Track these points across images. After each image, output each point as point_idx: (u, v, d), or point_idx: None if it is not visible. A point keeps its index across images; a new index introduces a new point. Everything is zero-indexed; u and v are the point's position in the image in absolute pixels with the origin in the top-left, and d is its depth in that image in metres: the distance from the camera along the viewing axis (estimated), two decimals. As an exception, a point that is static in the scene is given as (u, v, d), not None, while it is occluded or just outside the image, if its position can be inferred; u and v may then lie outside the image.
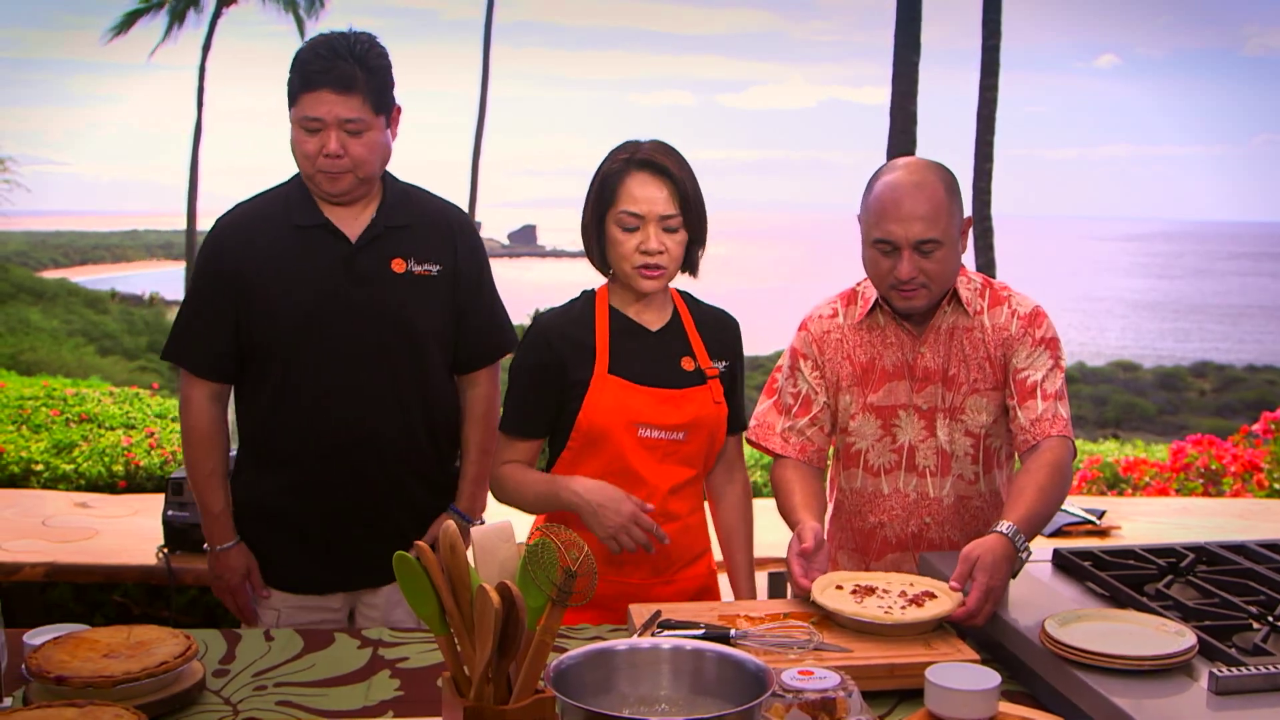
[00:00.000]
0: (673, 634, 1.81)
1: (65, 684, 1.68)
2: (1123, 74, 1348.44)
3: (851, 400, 2.29)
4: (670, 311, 2.29)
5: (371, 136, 2.26)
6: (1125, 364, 36.70)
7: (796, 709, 1.62)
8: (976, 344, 2.26)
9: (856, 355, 2.30)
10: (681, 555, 2.27)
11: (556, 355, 2.19)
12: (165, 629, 1.85)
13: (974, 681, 1.63)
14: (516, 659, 1.37)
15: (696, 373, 2.24)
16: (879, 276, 2.20)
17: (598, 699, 1.54)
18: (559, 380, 2.19)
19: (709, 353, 2.28)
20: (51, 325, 30.10)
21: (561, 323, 2.23)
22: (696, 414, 2.21)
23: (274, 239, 2.32)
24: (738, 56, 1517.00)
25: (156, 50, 23.29)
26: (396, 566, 1.44)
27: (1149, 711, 1.55)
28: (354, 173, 2.26)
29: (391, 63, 2.32)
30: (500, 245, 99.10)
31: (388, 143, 2.33)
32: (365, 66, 2.23)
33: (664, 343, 2.25)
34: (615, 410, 2.16)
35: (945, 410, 2.27)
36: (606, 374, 2.17)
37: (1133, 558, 2.18)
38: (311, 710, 1.76)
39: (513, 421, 2.25)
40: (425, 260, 2.35)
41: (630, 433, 2.17)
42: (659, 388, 2.20)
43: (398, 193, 2.39)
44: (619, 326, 2.23)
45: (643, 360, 2.21)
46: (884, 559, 2.35)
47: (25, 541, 3.19)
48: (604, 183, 2.17)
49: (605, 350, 2.19)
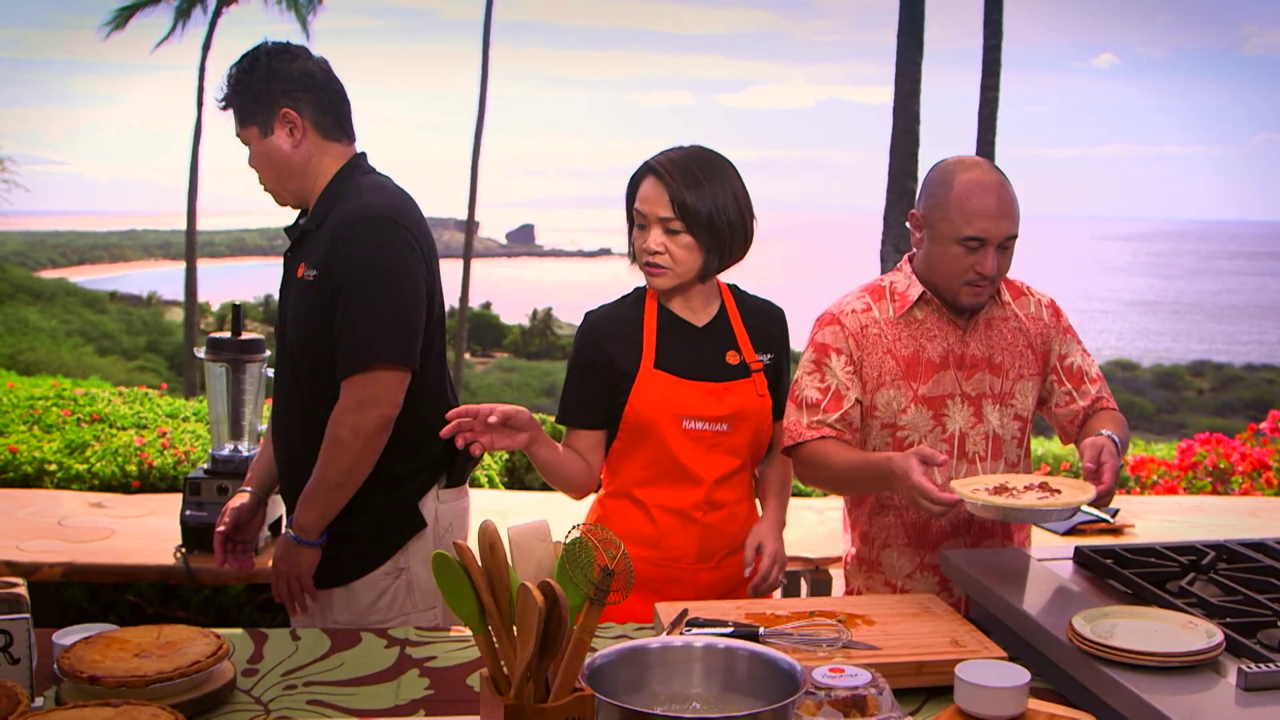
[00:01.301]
0: (702, 632, 1.82)
1: (98, 683, 1.68)
2: (1122, 74, 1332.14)
3: (898, 394, 2.30)
4: (717, 306, 2.36)
5: (255, 151, 2.34)
6: (1124, 363, 36.77)
7: (828, 706, 1.63)
8: (1015, 333, 2.38)
9: (899, 349, 2.31)
10: (728, 543, 2.34)
11: (604, 351, 2.30)
12: (195, 629, 1.86)
13: (1004, 678, 1.64)
14: (555, 658, 1.38)
15: (741, 366, 2.32)
16: (956, 272, 2.24)
17: (630, 697, 1.55)
18: (608, 374, 2.29)
19: (754, 346, 2.35)
20: (50, 325, 30.11)
21: (609, 319, 2.34)
22: (740, 406, 2.29)
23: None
24: (737, 56, 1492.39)
25: (160, 46, 23.23)
26: (435, 566, 1.45)
27: (1181, 707, 1.56)
28: (264, 185, 2.38)
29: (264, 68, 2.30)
30: (498, 245, 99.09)
31: (274, 149, 2.32)
32: (230, 87, 2.33)
33: (709, 337, 2.33)
34: (660, 403, 2.25)
35: (994, 396, 2.34)
36: (653, 368, 2.27)
37: (1154, 555, 2.19)
38: (342, 709, 1.77)
39: (569, 412, 2.35)
40: (312, 265, 2.30)
41: (676, 425, 2.26)
42: (703, 381, 2.28)
43: (330, 195, 2.35)
44: (666, 322, 2.32)
45: (688, 354, 2.29)
46: (939, 549, 2.36)
47: (42, 542, 3.19)
48: (629, 182, 2.31)
49: (652, 345, 2.29)
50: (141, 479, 4.07)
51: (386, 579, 2.39)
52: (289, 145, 2.32)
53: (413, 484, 2.40)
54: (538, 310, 43.23)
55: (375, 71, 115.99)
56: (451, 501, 2.46)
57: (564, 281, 64.84)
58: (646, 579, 2.25)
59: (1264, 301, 59.71)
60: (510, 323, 43.01)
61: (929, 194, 2.26)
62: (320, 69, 2.36)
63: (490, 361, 37.88)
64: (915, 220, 2.31)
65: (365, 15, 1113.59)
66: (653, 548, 2.29)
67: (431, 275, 2.35)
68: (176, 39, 23.23)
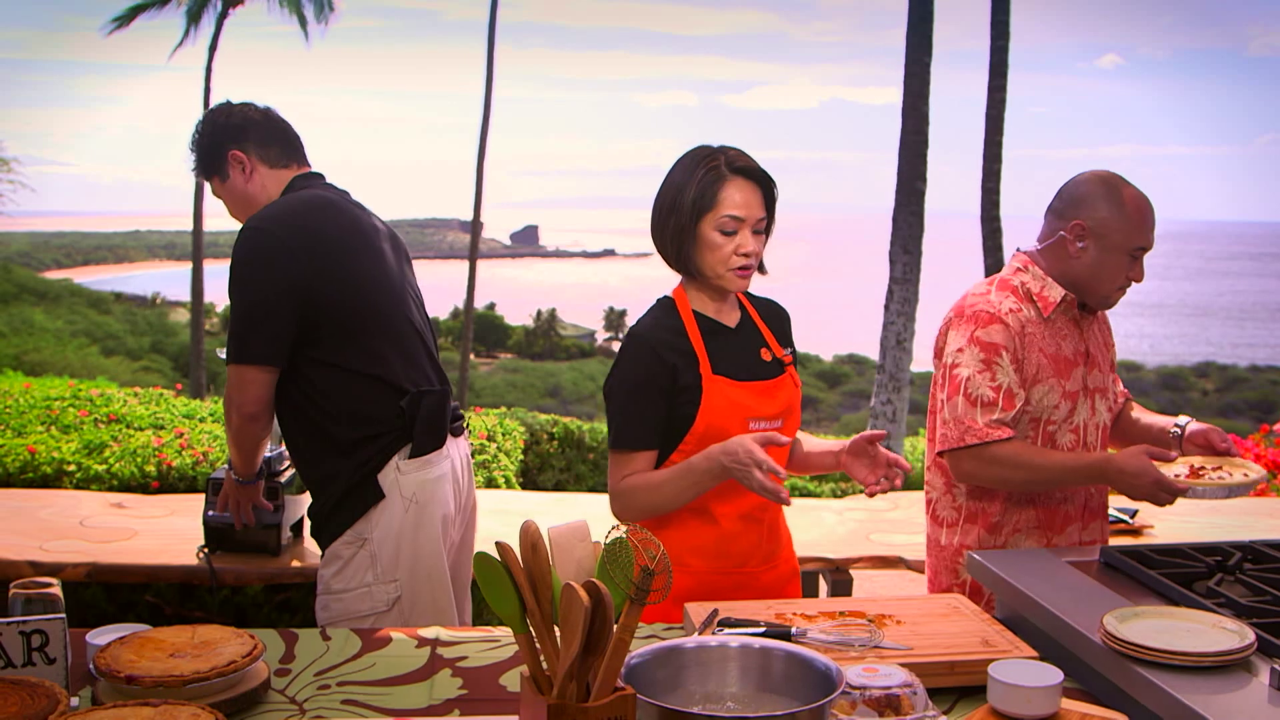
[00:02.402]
0: (735, 632, 1.83)
1: (136, 683, 1.69)
2: (1126, 74, 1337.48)
3: (1050, 390, 2.44)
4: (740, 309, 2.39)
5: (223, 195, 2.69)
6: (1128, 364, 36.73)
7: (863, 705, 1.64)
8: (1104, 330, 2.61)
9: (1048, 347, 2.45)
10: (779, 539, 2.39)
11: (666, 364, 2.23)
12: (229, 629, 1.87)
13: (1037, 678, 1.65)
14: (598, 658, 1.39)
15: (775, 362, 2.36)
16: (1118, 279, 2.44)
17: (666, 696, 1.55)
18: (670, 388, 2.23)
19: (778, 341, 2.40)
20: (55, 326, 30.13)
21: (659, 331, 2.27)
22: (789, 400, 2.34)
23: None
24: (741, 57, 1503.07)
25: (176, 52, 23.19)
26: (476, 566, 1.46)
27: (1215, 707, 1.57)
28: (238, 219, 2.65)
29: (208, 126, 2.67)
30: (502, 245, 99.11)
31: (233, 187, 2.66)
32: (192, 153, 2.70)
33: (743, 338, 2.35)
34: (729, 409, 2.25)
35: (1101, 390, 2.54)
36: (712, 375, 2.25)
37: (1180, 556, 2.20)
38: (377, 709, 1.78)
39: (630, 436, 2.24)
40: None
41: (744, 427, 2.25)
42: (756, 380, 2.30)
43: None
44: (705, 327, 2.31)
45: (734, 357, 2.30)
46: (1064, 531, 2.50)
47: (65, 542, 3.20)
48: (702, 189, 2.21)
49: (703, 352, 2.27)
50: (160, 479, 4.08)
51: (348, 549, 2.51)
52: (243, 181, 2.65)
53: (363, 454, 2.51)
54: (542, 311, 43.24)
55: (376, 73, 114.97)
56: (415, 473, 2.53)
57: (568, 282, 64.85)
58: (717, 588, 2.23)
59: (1269, 303, 59.62)
60: (515, 323, 43.03)
61: (1095, 206, 2.39)
62: (258, 112, 2.68)
63: (494, 362, 37.93)
64: (1079, 230, 2.41)
65: (368, 16, 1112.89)
66: (720, 557, 2.26)
67: (323, 272, 2.48)
68: (190, 43, 23.23)
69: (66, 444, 4.27)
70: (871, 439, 2.26)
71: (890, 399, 10.64)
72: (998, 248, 11.81)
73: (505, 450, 4.97)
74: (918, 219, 10.98)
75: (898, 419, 10.59)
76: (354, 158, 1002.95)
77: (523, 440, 5.57)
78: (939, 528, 2.53)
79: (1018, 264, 2.51)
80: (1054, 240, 2.45)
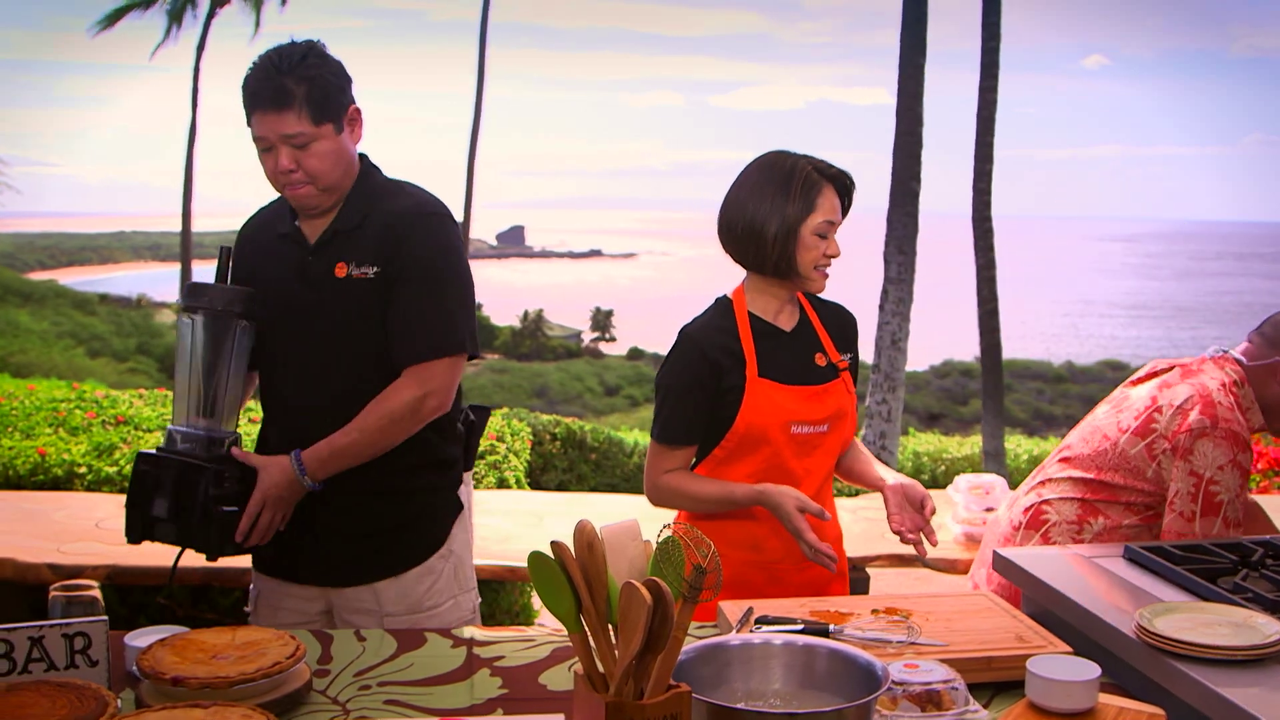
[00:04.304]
0: (774, 629, 1.85)
1: (182, 685, 1.70)
2: (1113, 75, 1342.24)
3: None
4: (799, 312, 2.42)
5: (320, 147, 2.25)
6: (1114, 363, 36.86)
7: (905, 700, 1.66)
8: None
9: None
10: (829, 539, 2.37)
11: (711, 364, 2.30)
12: (270, 630, 1.88)
13: (1075, 673, 1.67)
14: (656, 655, 1.40)
15: (829, 367, 2.39)
16: None
17: (710, 693, 1.57)
18: (714, 387, 2.30)
19: (836, 347, 2.42)
20: (41, 327, 29.96)
21: (710, 332, 2.34)
22: (838, 406, 2.36)
23: (259, 250, 2.41)
24: (727, 58, 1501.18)
25: (157, 52, 23.18)
26: (531, 565, 1.47)
27: (1255, 700, 1.59)
28: (313, 185, 2.27)
29: (338, 66, 2.30)
30: (489, 246, 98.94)
31: (343, 149, 2.29)
32: (299, 78, 2.22)
33: (798, 342, 2.39)
34: (771, 411, 2.29)
35: None
36: (758, 377, 2.30)
37: (1202, 552, 2.22)
38: (420, 709, 1.79)
39: (673, 431, 2.33)
40: (365, 264, 2.30)
41: (785, 431, 2.31)
42: (803, 385, 2.33)
43: (364, 194, 2.35)
44: (759, 330, 2.35)
45: (784, 360, 2.34)
46: None
47: (82, 544, 3.21)
48: (805, 192, 2.29)
49: (752, 354, 2.32)
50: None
51: (440, 563, 2.42)
52: (351, 141, 2.33)
53: (456, 468, 2.47)
54: (529, 311, 43.18)
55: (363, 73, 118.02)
56: (469, 485, 2.54)
57: (554, 283, 64.75)
58: (748, 581, 2.29)
59: (1255, 303, 59.96)
60: (501, 324, 42.97)
61: None
62: None
63: (481, 363, 37.85)
64: None
65: (354, 16, 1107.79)
66: (754, 551, 2.33)
67: None
68: (172, 42, 23.19)
69: (76, 446, 4.26)
70: (923, 502, 2.29)
71: (885, 399, 10.66)
72: (989, 248, 11.84)
73: (515, 450, 4.98)
74: (912, 219, 11.01)
75: (893, 418, 10.61)
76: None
77: (529, 440, 5.58)
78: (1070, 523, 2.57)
79: (1235, 375, 2.51)
80: (1267, 364, 2.49)
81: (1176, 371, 2.58)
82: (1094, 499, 2.51)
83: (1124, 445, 2.49)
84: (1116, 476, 2.49)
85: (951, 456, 8.86)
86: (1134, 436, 2.49)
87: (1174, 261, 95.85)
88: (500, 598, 4.22)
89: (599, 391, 31.21)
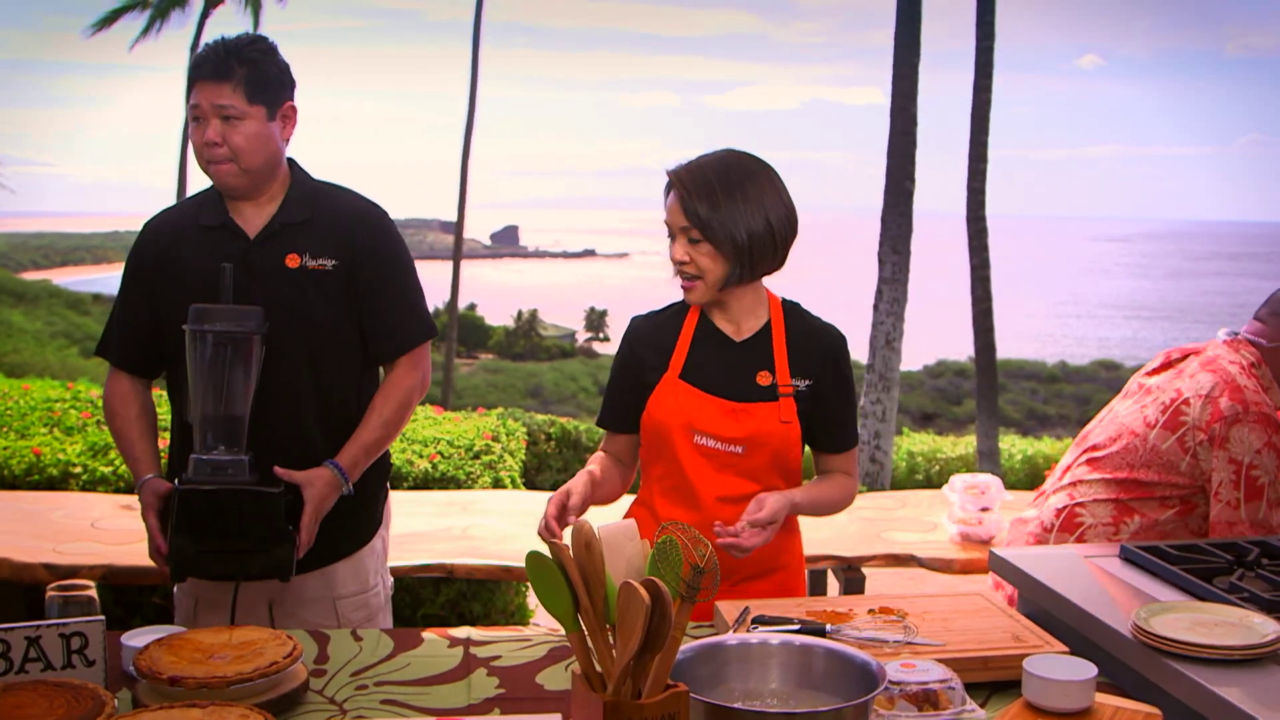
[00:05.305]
0: (769, 629, 1.85)
1: (179, 685, 1.70)
2: (1108, 75, 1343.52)
3: None
4: (762, 323, 2.28)
5: (248, 127, 2.29)
6: (1107, 363, 36.93)
7: (902, 700, 1.66)
8: None
9: None
10: (740, 567, 2.21)
11: (635, 355, 2.30)
12: (266, 630, 1.88)
13: (1072, 672, 1.66)
14: (655, 655, 1.40)
15: (770, 388, 2.23)
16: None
17: (708, 692, 1.57)
18: (636, 379, 2.29)
19: (791, 369, 2.24)
20: (35, 327, 29.93)
21: (647, 325, 2.33)
22: (757, 429, 2.20)
23: (181, 240, 2.39)
24: (722, 58, 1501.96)
25: (136, 45, 23.14)
26: (529, 564, 1.47)
27: (1251, 699, 1.60)
28: (236, 163, 2.30)
29: (285, 64, 2.37)
30: (483, 246, 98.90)
31: (271, 136, 2.33)
32: (242, 59, 2.29)
33: (744, 354, 2.25)
34: (674, 413, 2.22)
35: None
36: (676, 378, 2.23)
37: (1198, 552, 2.23)
38: (417, 709, 1.79)
39: (603, 415, 2.39)
40: (321, 255, 2.36)
41: (686, 438, 2.21)
42: (724, 398, 2.21)
43: (306, 191, 2.41)
44: (704, 333, 2.27)
45: (716, 369, 2.24)
46: None
47: (78, 545, 3.20)
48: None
49: (683, 355, 2.26)
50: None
51: (379, 539, 2.53)
52: (280, 136, 2.37)
53: None
54: (523, 311, 43.16)
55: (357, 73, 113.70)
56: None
57: (548, 283, 64.72)
58: None
59: (1249, 303, 60.10)
60: (495, 324, 42.94)
61: None
62: None
63: (475, 363, 37.82)
64: None
65: (348, 16, 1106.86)
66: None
67: None
68: (153, 38, 23.18)
69: (71, 446, 4.25)
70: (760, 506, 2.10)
71: (880, 398, 10.68)
72: (984, 248, 11.87)
73: (510, 450, 4.98)
74: (906, 219, 11.02)
75: (887, 418, 10.63)
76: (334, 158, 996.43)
77: (524, 440, 5.58)
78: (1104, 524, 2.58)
79: (1251, 357, 2.51)
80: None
81: (1193, 359, 2.58)
82: (1128, 498, 2.51)
83: (1154, 440, 2.48)
84: (1149, 473, 2.49)
85: (945, 456, 8.87)
86: (1164, 430, 2.48)
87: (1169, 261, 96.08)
88: (496, 598, 4.23)
89: (593, 391, 31.21)
